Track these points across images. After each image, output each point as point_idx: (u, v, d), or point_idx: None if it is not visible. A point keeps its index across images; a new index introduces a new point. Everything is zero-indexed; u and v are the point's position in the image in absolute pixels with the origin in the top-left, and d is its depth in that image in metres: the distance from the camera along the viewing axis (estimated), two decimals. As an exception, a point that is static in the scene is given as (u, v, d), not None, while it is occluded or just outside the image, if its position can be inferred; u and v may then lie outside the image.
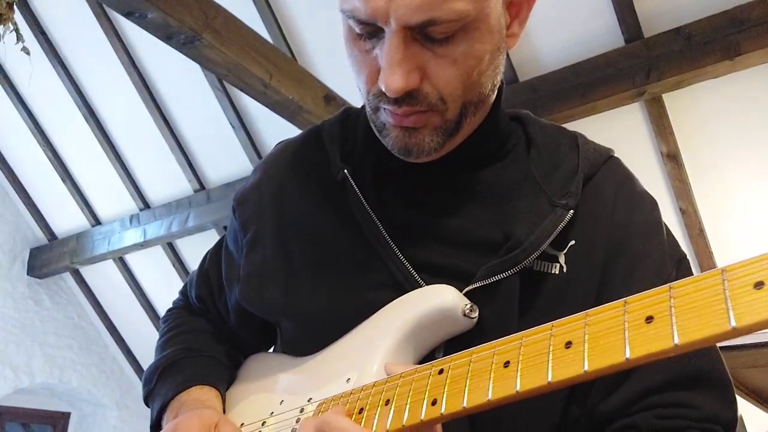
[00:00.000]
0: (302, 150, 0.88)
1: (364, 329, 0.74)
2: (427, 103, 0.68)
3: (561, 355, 0.49)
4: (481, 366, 0.55)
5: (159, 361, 0.91)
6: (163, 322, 1.01)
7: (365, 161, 0.80)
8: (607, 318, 0.48)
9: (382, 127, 0.72)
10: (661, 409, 0.64)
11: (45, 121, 4.41)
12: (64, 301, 5.19)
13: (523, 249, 0.69)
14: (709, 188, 3.20)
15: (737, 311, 0.40)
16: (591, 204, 0.74)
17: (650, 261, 0.72)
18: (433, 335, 0.70)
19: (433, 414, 0.56)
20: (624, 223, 0.74)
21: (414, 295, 0.71)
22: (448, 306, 0.67)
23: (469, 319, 0.67)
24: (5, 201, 4.88)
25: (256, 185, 0.89)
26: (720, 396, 0.66)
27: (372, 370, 0.69)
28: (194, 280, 0.99)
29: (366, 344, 0.72)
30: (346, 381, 0.71)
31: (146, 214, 4.40)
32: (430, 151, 0.71)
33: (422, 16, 0.62)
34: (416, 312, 0.69)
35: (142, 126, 4.07)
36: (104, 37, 3.79)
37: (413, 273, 0.72)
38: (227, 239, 0.94)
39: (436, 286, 0.70)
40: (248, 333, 0.94)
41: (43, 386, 4.93)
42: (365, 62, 0.69)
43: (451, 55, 0.66)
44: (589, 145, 0.80)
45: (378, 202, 0.77)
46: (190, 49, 2.65)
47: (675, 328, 0.43)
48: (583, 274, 0.71)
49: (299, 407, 0.75)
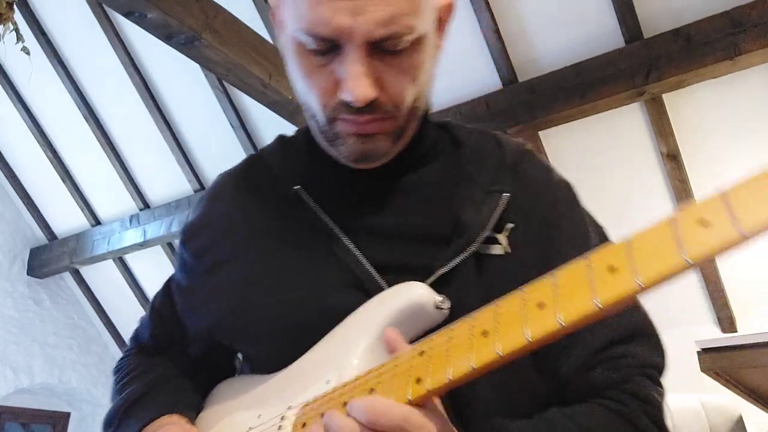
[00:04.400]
0: (247, 176, 0.93)
1: (338, 334, 0.74)
2: (384, 110, 0.73)
3: (536, 315, 0.52)
4: (460, 340, 0.58)
5: (118, 402, 0.90)
6: (117, 372, 0.99)
7: (312, 176, 0.85)
8: (574, 274, 0.51)
9: (336, 137, 0.77)
10: (609, 363, 0.73)
11: (45, 121, 4.41)
12: (64, 301, 5.19)
13: (473, 231, 0.75)
14: (709, 188, 3.20)
15: (688, 247, 0.45)
16: (521, 189, 0.81)
17: (579, 237, 0.81)
18: (407, 332, 0.70)
19: (420, 391, 0.57)
20: (552, 205, 0.82)
21: (385, 294, 0.73)
22: (420, 301, 0.69)
23: (441, 311, 0.69)
24: (5, 201, 4.88)
25: (204, 215, 0.92)
26: (652, 345, 0.76)
27: (352, 365, 0.69)
28: (146, 322, 1.00)
29: (342, 346, 0.72)
30: (326, 383, 0.71)
31: (146, 214, 4.40)
32: (384, 155, 0.78)
33: (384, 30, 0.68)
34: (390, 310, 0.70)
35: (142, 126, 4.07)
36: (104, 37, 3.79)
37: (373, 272, 0.76)
38: (176, 276, 0.95)
39: (406, 283, 0.72)
40: (211, 362, 0.94)
41: (43, 386, 4.93)
42: (320, 76, 0.73)
43: (402, 66, 0.72)
44: (509, 141, 0.88)
45: (331, 210, 0.81)
46: (190, 49, 2.65)
47: (637, 271, 0.47)
48: (524, 253, 0.77)
49: (279, 415, 0.74)
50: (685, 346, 2.39)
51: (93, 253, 4.59)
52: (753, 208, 0.43)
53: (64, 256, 4.79)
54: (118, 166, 4.32)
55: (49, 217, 4.94)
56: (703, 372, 1.80)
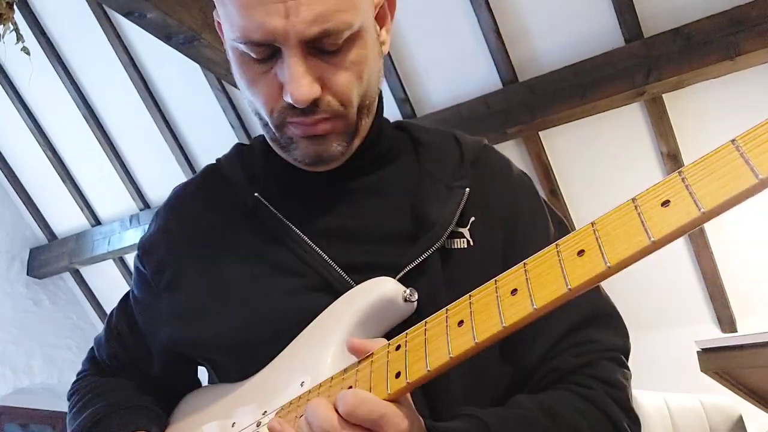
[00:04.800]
0: (204, 185, 0.92)
1: (308, 335, 0.75)
2: (331, 110, 0.73)
3: (510, 301, 0.54)
4: (436, 331, 0.59)
5: (80, 423, 0.87)
6: (72, 394, 0.97)
7: (270, 183, 0.85)
8: (544, 261, 0.53)
9: (288, 142, 0.77)
10: (572, 349, 0.75)
11: (45, 121, 4.41)
12: (64, 301, 5.18)
13: (439, 227, 0.76)
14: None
15: (652, 227, 0.47)
16: (481, 184, 0.83)
17: (539, 226, 0.84)
18: (379, 326, 0.72)
19: (399, 385, 0.58)
20: (511, 197, 0.84)
21: (353, 292, 0.73)
22: (389, 295, 0.70)
23: (410, 303, 0.71)
24: (5, 201, 4.88)
25: (163, 229, 0.91)
26: (615, 329, 0.79)
27: (326, 365, 0.69)
28: (102, 341, 0.98)
29: (313, 347, 0.72)
30: (300, 385, 0.71)
31: (146, 214, 4.40)
32: (338, 156, 0.78)
33: (317, 28, 0.68)
34: (360, 306, 0.71)
35: (142, 126, 4.07)
36: (104, 37, 3.79)
37: (342, 273, 0.77)
38: (133, 291, 0.94)
39: (374, 279, 0.73)
40: (175, 376, 0.94)
41: (43, 386, 4.93)
42: (264, 83, 0.73)
43: (343, 63, 0.72)
44: (467, 137, 0.90)
45: (293, 215, 0.81)
46: (190, 49, 2.65)
47: (604, 253, 0.49)
48: (488, 245, 0.79)
49: (255, 422, 0.73)
50: (685, 346, 2.40)
51: (93, 254, 4.59)
52: (710, 186, 0.45)
53: (63, 257, 4.79)
54: (118, 166, 4.32)
55: (49, 217, 4.94)
56: (703, 372, 1.80)
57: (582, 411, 0.70)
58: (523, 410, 0.68)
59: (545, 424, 0.67)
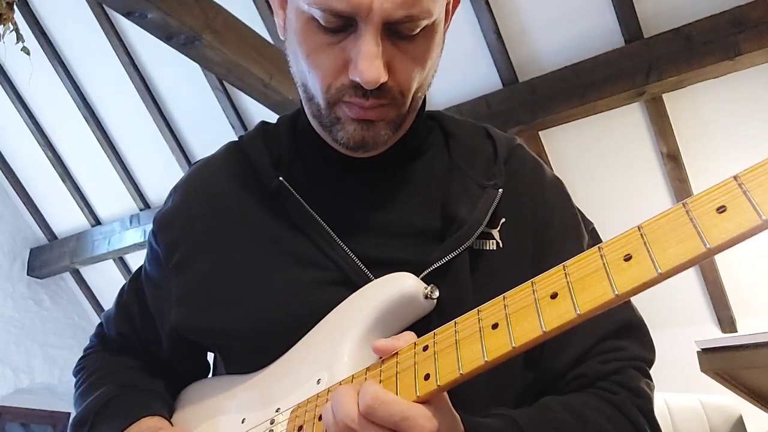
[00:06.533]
0: (225, 165, 0.88)
1: (324, 328, 0.72)
2: (390, 96, 0.71)
3: (550, 305, 0.51)
4: (468, 333, 0.56)
5: (90, 402, 0.85)
6: (80, 370, 0.94)
7: (295, 166, 0.82)
8: (586, 264, 0.51)
9: (334, 122, 0.73)
10: (600, 356, 0.74)
11: (45, 121, 4.41)
12: (64, 301, 5.18)
13: (469, 227, 0.74)
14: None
15: (707, 233, 0.44)
16: (513, 184, 0.80)
17: (572, 230, 0.82)
18: (397, 322, 0.69)
19: (429, 387, 0.56)
20: (543, 200, 0.82)
21: (373, 285, 0.71)
22: (409, 291, 0.68)
23: (431, 300, 0.69)
24: (5, 201, 4.88)
25: (179, 206, 0.87)
26: (642, 340, 0.78)
27: (343, 363, 0.67)
28: (111, 317, 0.94)
29: (330, 341, 0.70)
30: (316, 383, 0.68)
31: (146, 214, 4.40)
32: (382, 144, 0.75)
33: (404, 12, 0.65)
34: (379, 301, 0.69)
35: (142, 126, 4.07)
36: (104, 37, 3.79)
37: (363, 268, 0.74)
38: (146, 267, 0.90)
39: (394, 274, 0.71)
40: (184, 360, 0.90)
41: (43, 386, 4.93)
42: (327, 55, 0.70)
43: (413, 52, 0.70)
44: (499, 133, 0.87)
45: (317, 203, 0.78)
46: (190, 49, 2.65)
47: (654, 259, 0.46)
48: (517, 247, 0.77)
49: (268, 419, 0.71)
50: (685, 346, 2.39)
51: (93, 254, 4.59)
52: None
53: (64, 257, 4.79)
54: (118, 166, 4.32)
55: (49, 217, 4.94)
56: (703, 372, 1.79)
57: (609, 416, 0.69)
58: (552, 412, 0.68)
59: (574, 427, 0.66)
